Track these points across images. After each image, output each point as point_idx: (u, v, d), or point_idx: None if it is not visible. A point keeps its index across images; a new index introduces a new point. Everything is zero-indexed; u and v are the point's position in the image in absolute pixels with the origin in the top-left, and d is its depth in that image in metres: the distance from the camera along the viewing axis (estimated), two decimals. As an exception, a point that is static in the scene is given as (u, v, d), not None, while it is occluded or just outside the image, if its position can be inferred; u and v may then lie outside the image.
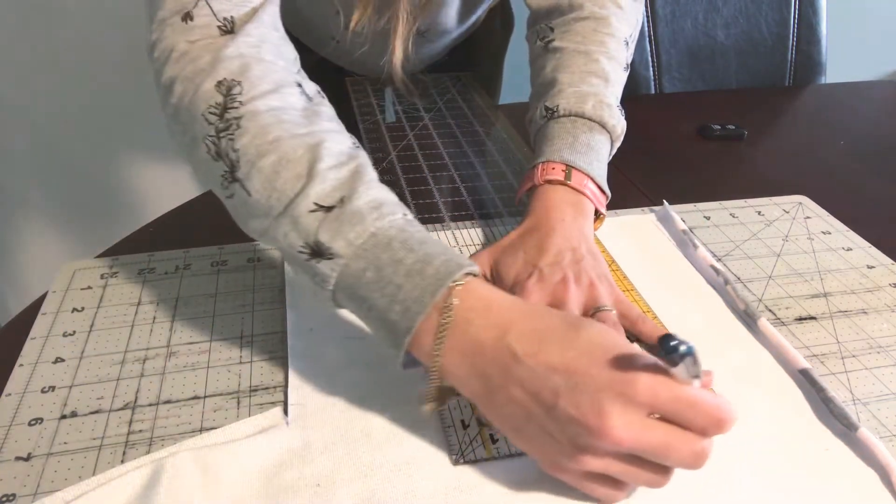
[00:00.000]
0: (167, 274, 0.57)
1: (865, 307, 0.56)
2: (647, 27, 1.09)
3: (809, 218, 0.68)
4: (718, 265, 0.58)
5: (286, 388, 0.46)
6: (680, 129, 0.89)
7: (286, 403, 0.45)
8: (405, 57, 0.66)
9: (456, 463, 0.41)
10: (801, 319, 0.54)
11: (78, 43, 1.33)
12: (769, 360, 0.50)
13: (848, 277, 0.59)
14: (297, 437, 0.42)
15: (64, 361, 0.48)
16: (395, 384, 0.46)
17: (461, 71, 0.96)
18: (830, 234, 0.65)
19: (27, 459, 0.41)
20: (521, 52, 0.76)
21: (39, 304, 0.54)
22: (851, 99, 1.05)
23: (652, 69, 1.10)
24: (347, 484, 0.39)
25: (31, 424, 0.43)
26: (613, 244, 0.61)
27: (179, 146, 0.47)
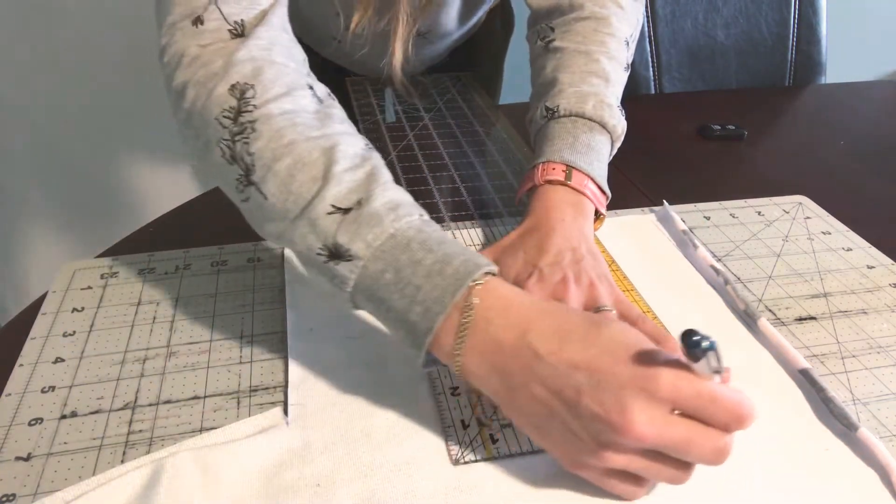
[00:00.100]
0: (167, 274, 0.57)
1: (865, 307, 0.56)
2: (647, 27, 1.09)
3: (809, 218, 0.68)
4: (718, 265, 0.58)
5: (286, 388, 0.46)
6: (680, 129, 0.89)
7: (286, 403, 0.45)
8: (405, 59, 0.66)
9: (456, 463, 0.41)
10: (801, 319, 0.54)
11: (78, 43, 1.33)
12: (769, 360, 0.50)
13: (848, 277, 0.59)
14: (297, 437, 0.42)
15: (64, 361, 0.48)
16: (395, 384, 0.46)
17: (461, 71, 0.96)
18: (830, 234, 0.65)
19: (27, 459, 0.41)
20: (521, 52, 0.76)
21: (39, 304, 0.54)
22: (851, 99, 1.05)
23: (652, 69, 1.10)
24: (347, 484, 0.39)
25: (31, 424, 0.43)
26: (613, 244, 0.61)
27: (192, 150, 0.47)
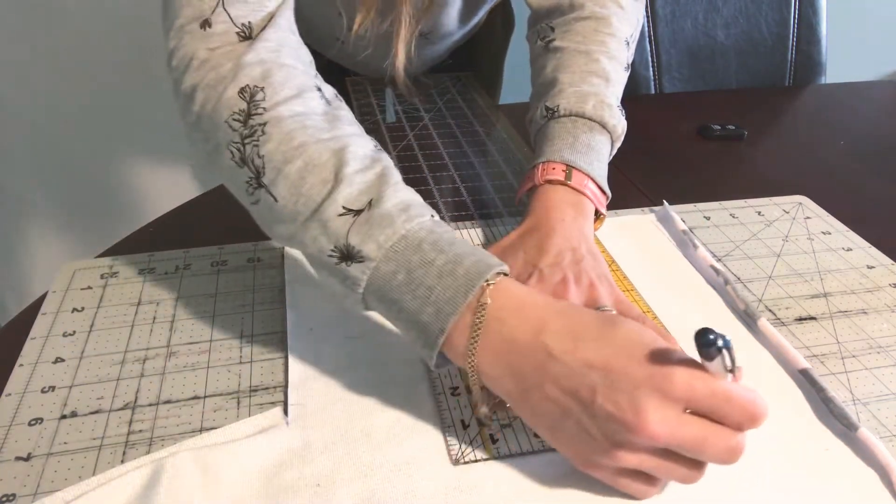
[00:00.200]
0: (167, 274, 0.57)
1: (865, 307, 0.56)
2: (647, 27, 1.09)
3: (809, 218, 0.68)
4: (718, 265, 0.58)
5: (286, 388, 0.46)
6: (680, 129, 0.89)
7: (286, 403, 0.45)
8: (408, 59, 0.66)
9: (456, 463, 0.41)
10: (801, 319, 0.54)
11: (78, 43, 1.33)
12: (769, 360, 0.50)
13: (848, 277, 0.59)
14: (297, 437, 0.42)
15: (64, 361, 0.48)
16: (395, 384, 0.46)
17: (462, 71, 0.96)
18: (830, 234, 0.65)
19: (27, 459, 0.41)
20: (521, 52, 0.76)
21: (39, 304, 0.54)
22: (851, 99, 1.05)
23: (652, 69, 1.10)
24: (347, 484, 0.39)
25: (31, 424, 0.43)
26: (613, 244, 0.61)
27: (201, 154, 0.47)
